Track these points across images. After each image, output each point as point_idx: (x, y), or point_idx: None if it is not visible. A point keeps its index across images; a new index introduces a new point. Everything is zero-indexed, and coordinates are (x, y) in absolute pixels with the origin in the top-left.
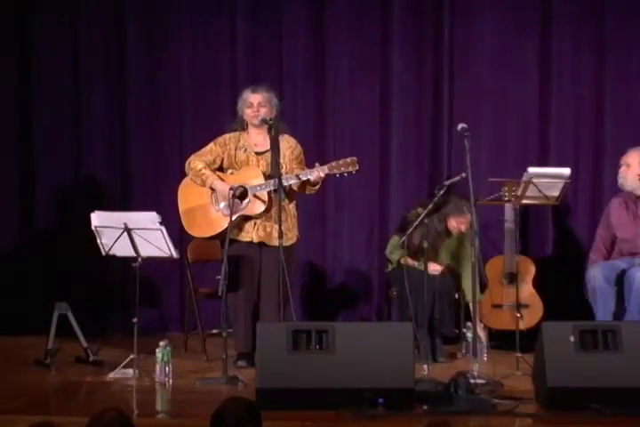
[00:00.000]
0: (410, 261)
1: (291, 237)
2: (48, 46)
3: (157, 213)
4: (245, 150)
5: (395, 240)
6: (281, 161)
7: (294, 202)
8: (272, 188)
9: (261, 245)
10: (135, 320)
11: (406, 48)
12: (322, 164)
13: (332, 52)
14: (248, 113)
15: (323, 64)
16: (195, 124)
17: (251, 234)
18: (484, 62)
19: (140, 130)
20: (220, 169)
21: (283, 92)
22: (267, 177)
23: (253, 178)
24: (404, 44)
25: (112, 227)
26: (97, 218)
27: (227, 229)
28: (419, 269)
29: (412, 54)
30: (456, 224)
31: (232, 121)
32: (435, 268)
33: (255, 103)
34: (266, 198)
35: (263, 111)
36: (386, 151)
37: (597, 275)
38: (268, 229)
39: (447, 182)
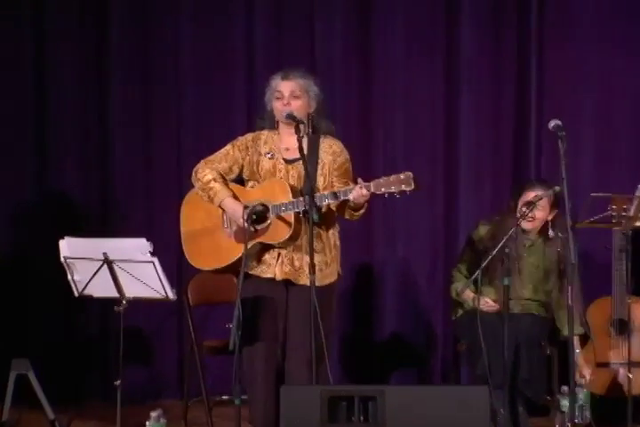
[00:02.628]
0: (471, 295)
1: (329, 274)
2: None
3: (148, 239)
4: (272, 156)
5: (459, 276)
6: (318, 171)
7: (335, 227)
8: (302, 208)
9: (287, 283)
10: (118, 383)
11: (479, 20)
12: (368, 177)
13: (380, 29)
14: (277, 106)
15: (368, 45)
16: (198, 123)
17: (273, 268)
18: (585, 39)
19: (124, 129)
20: (241, 181)
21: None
22: (297, 193)
23: (279, 194)
24: (477, 14)
25: (87, 258)
26: (67, 246)
27: (241, 259)
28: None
29: (487, 29)
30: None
31: (258, 116)
32: (489, 304)
33: (286, 93)
34: (292, 221)
35: (296, 104)
36: (453, 158)
37: None
38: (297, 263)
39: (536, 199)
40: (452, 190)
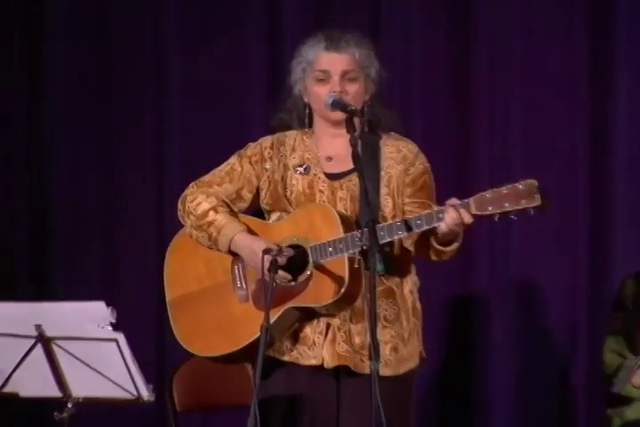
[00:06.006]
0: None
1: (408, 356)
2: None
3: (109, 303)
4: (307, 170)
5: (611, 358)
6: (382, 189)
7: (414, 280)
8: (358, 248)
9: (341, 372)
10: None
11: None
12: (464, 195)
13: None
14: (318, 92)
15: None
16: (189, 116)
17: (319, 350)
18: None
19: (68, 129)
20: (259, 213)
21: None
22: (351, 226)
23: (323, 228)
24: None
25: (10, 334)
26: None
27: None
28: None
29: None
30: None
31: (278, 106)
32: None
33: (336, 73)
34: (345, 272)
35: (353, 91)
36: (603, 170)
37: None
38: (358, 340)
39: None
40: (603, 219)
